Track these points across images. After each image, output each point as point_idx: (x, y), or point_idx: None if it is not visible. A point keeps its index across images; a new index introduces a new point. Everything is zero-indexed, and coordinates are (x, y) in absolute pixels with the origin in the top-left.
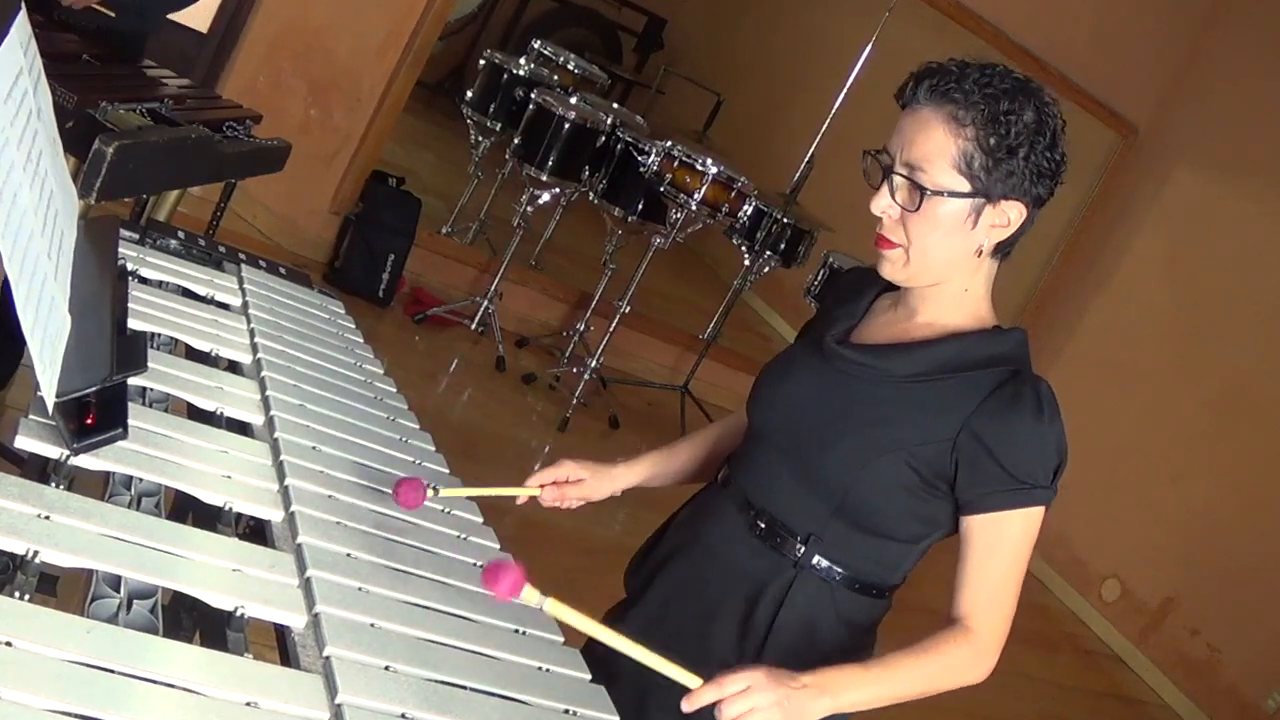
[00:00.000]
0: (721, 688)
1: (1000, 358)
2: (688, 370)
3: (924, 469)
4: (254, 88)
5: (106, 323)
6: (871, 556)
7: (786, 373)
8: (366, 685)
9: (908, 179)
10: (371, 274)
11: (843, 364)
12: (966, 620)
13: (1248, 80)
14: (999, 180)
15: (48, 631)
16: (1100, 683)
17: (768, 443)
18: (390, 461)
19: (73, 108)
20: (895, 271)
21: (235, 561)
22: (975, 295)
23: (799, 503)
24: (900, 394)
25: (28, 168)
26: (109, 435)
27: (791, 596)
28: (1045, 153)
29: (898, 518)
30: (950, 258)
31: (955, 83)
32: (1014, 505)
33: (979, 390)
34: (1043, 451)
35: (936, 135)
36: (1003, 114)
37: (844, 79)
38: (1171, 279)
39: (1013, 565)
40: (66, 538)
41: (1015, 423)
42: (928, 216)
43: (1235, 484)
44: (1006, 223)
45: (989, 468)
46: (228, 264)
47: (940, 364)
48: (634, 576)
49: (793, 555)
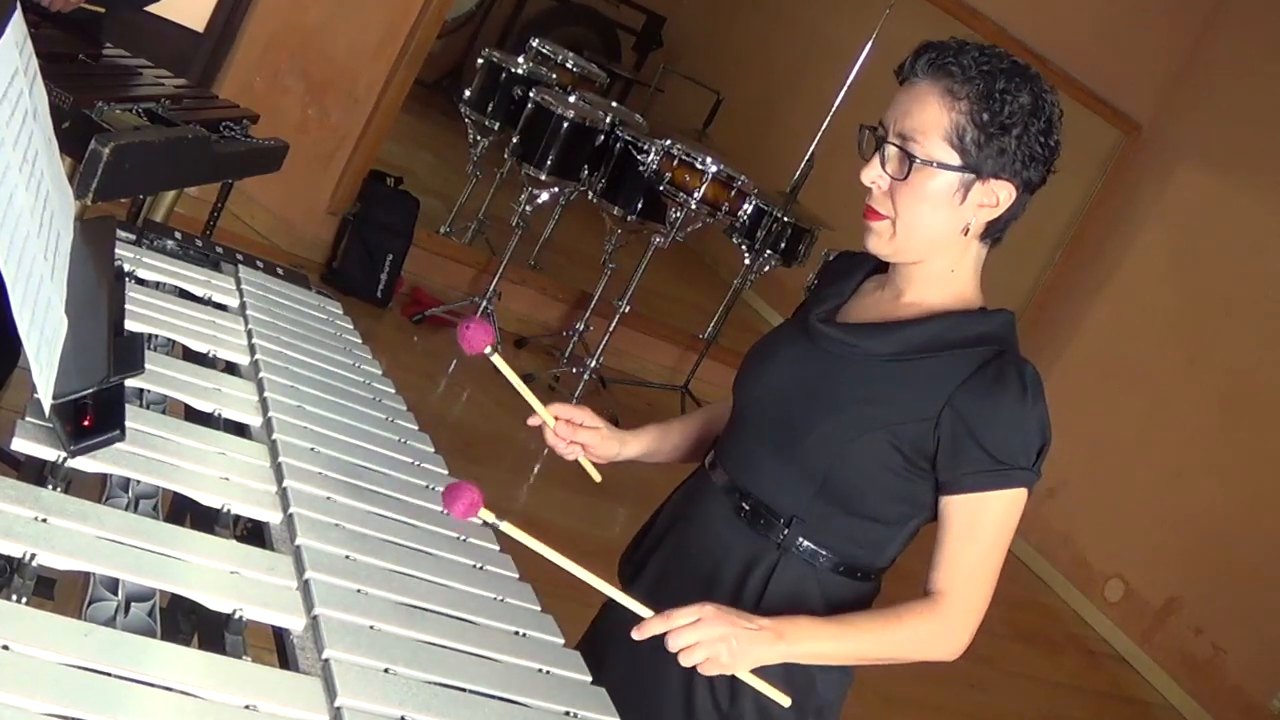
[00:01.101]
0: (669, 619)
1: (985, 337)
2: (688, 370)
3: (906, 448)
4: (251, 87)
5: (103, 324)
6: (856, 539)
7: (771, 353)
8: (366, 688)
9: (900, 149)
10: (369, 274)
11: (826, 343)
12: (941, 596)
13: (1251, 76)
14: (990, 157)
15: (45, 635)
16: (1104, 683)
17: (751, 423)
18: (389, 463)
19: (69, 108)
20: (881, 244)
21: (233, 564)
22: (962, 277)
23: (782, 484)
24: (883, 373)
25: (24, 168)
26: (106, 437)
27: (776, 578)
28: (1039, 136)
29: (881, 498)
30: (936, 233)
31: (954, 57)
32: (994, 486)
33: (962, 369)
34: (1025, 432)
35: (931, 107)
36: (998, 91)
37: (844, 76)
38: (1175, 276)
39: (992, 547)
40: (64, 540)
41: (998, 403)
42: (916, 188)
43: (1240, 482)
44: (995, 203)
45: (970, 447)
46: (225, 265)
47: (923, 342)
48: (627, 564)
49: (777, 537)
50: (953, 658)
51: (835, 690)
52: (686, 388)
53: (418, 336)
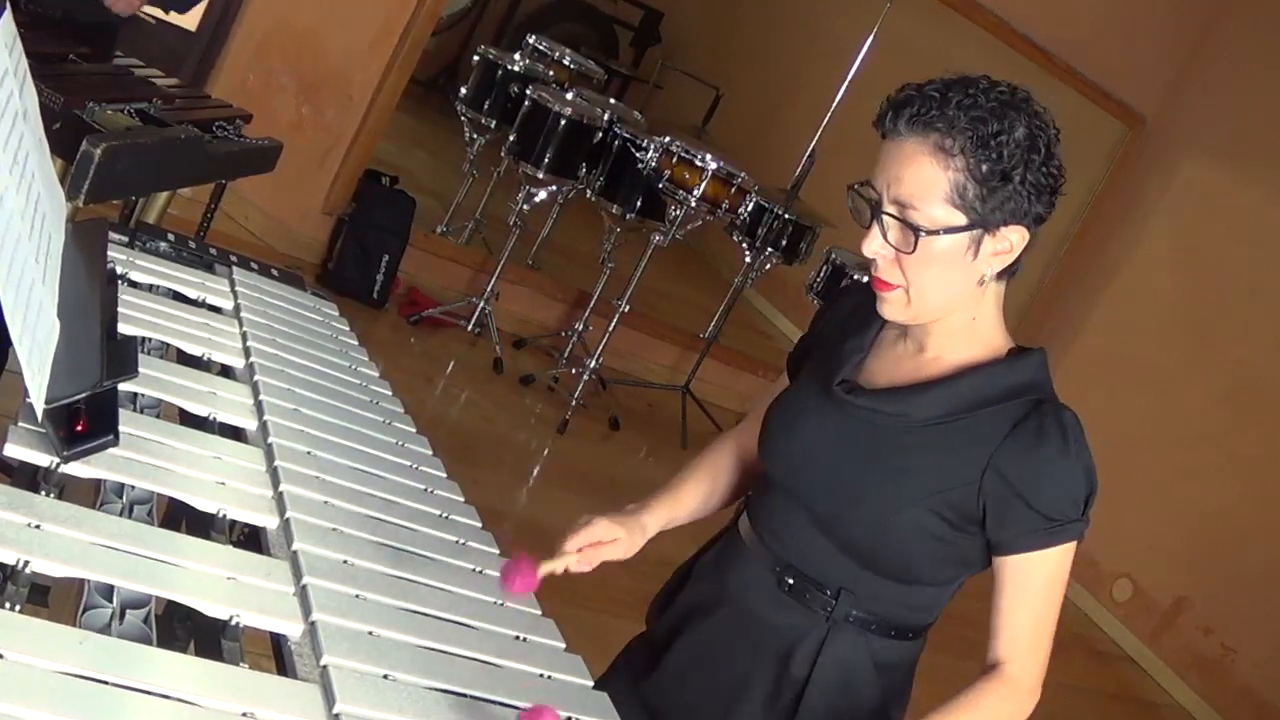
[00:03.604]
0: None
1: (1019, 388)
2: (689, 370)
3: (951, 515)
4: (244, 87)
5: (96, 327)
6: (906, 602)
7: (799, 419)
8: (365, 694)
9: (898, 219)
10: (365, 275)
11: (855, 411)
12: (1006, 666)
13: (1256, 68)
14: (996, 208)
15: (39, 643)
16: (1112, 684)
17: (787, 495)
18: (387, 466)
19: (60, 109)
20: (897, 313)
21: (230, 569)
22: (985, 323)
23: (828, 558)
24: (919, 440)
25: (14, 170)
26: (100, 442)
27: (826, 651)
28: (1041, 168)
29: (930, 564)
30: (953, 293)
31: (938, 109)
32: (1047, 544)
33: (1000, 427)
34: (1072, 486)
35: (925, 169)
36: (992, 137)
37: (845, 72)
38: (1181, 271)
39: (1048, 603)
40: (57, 547)
41: (1041, 460)
42: (924, 256)
43: (1248, 480)
44: (1009, 248)
45: (1018, 508)
46: (219, 266)
47: (957, 403)
48: (658, 618)
49: (824, 610)
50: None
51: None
52: (687, 388)
53: (415, 338)
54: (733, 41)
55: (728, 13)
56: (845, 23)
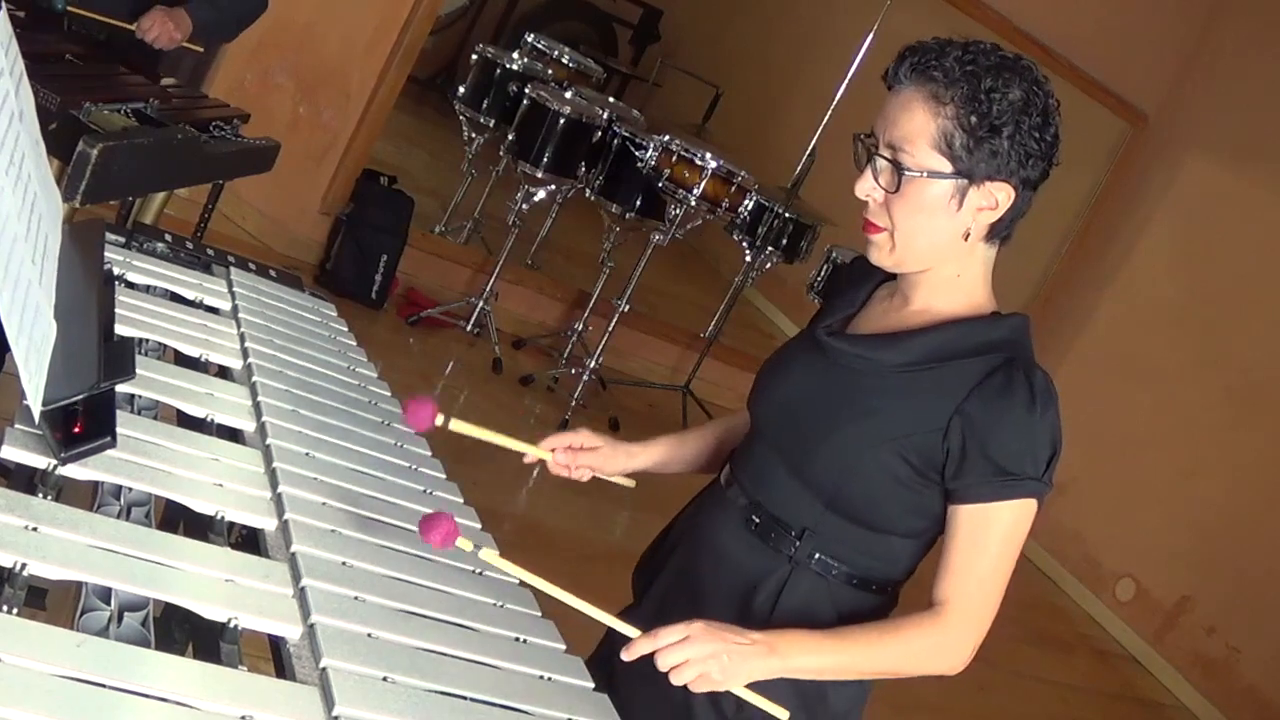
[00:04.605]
0: (657, 638)
1: (994, 344)
2: (689, 370)
3: (916, 459)
4: (241, 86)
5: (93, 329)
6: (870, 551)
7: (783, 367)
8: (364, 697)
9: (890, 160)
10: (364, 275)
11: (836, 355)
12: (944, 607)
13: (1258, 65)
14: (982, 160)
15: (37, 646)
16: (1115, 684)
17: (764, 438)
18: (385, 467)
19: (56, 109)
20: (882, 256)
21: (228, 572)
22: (970, 280)
23: (793, 498)
24: (891, 384)
25: (10, 171)
26: (97, 444)
27: (787, 592)
28: (1033, 132)
29: (893, 510)
30: (936, 241)
31: (936, 60)
32: (1002, 497)
33: (970, 378)
34: (1034, 442)
35: (917, 114)
36: (984, 91)
37: (845, 69)
38: (1184, 269)
39: (999, 557)
40: (55, 549)
41: (1006, 412)
42: (910, 198)
43: (1251, 478)
44: (994, 205)
45: (977, 457)
46: (216, 267)
47: (931, 352)
48: (639, 578)
49: (789, 550)
50: (954, 671)
51: (848, 702)
52: (688, 387)
53: (413, 338)
54: (732, 39)
55: (727, 11)
56: (845, 20)
